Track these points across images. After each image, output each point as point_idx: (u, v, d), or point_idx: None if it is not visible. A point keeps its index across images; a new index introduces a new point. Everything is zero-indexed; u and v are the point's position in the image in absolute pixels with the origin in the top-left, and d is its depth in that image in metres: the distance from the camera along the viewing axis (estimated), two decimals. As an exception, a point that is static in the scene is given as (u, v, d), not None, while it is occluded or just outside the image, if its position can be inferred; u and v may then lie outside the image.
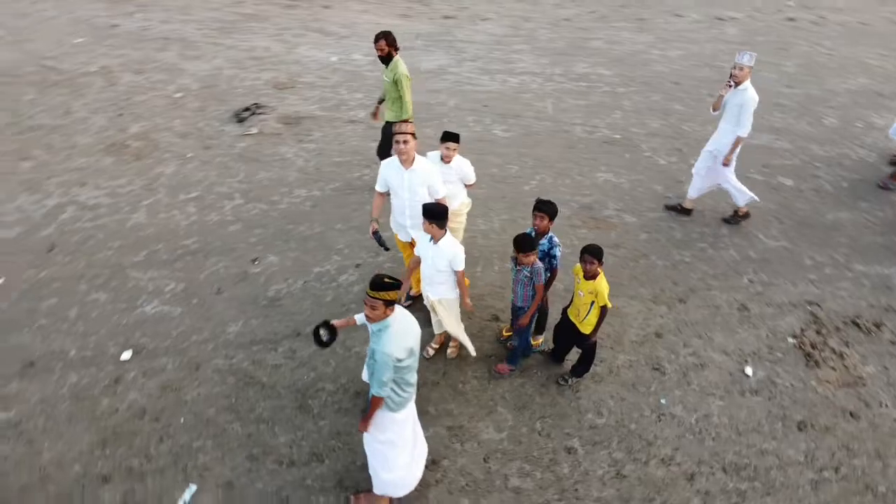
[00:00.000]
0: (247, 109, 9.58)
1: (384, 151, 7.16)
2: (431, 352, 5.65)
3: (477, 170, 5.84)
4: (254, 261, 6.76)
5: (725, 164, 6.78)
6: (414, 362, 4.03)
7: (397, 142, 5.03)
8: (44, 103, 9.90)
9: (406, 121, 6.43)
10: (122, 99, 10.03)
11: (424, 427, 4.89)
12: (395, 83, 6.78)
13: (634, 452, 4.85)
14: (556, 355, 5.52)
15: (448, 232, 4.92)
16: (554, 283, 5.40)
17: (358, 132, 9.07)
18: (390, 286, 3.74)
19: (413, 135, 5.06)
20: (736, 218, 7.27)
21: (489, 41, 11.60)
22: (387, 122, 7.11)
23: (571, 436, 4.98)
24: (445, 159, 5.56)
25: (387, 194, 5.44)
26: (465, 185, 5.82)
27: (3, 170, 8.25)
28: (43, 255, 6.88)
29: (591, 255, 4.66)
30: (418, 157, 5.18)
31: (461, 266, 4.93)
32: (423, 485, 4.59)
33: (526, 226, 5.52)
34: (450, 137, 5.48)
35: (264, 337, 5.86)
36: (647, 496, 4.58)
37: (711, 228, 7.18)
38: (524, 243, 4.83)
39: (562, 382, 5.35)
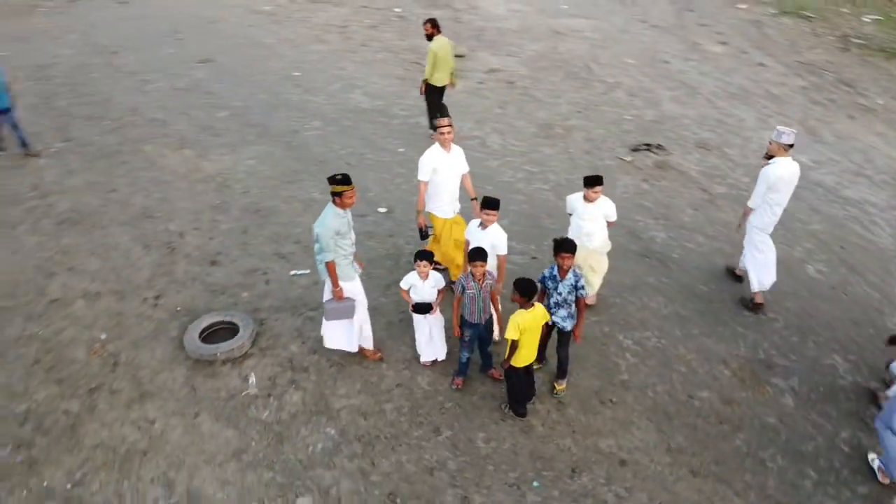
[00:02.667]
0: (647, 145, 10.67)
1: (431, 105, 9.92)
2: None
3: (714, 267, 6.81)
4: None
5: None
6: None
7: (443, 133, 6.39)
8: (549, 84, 13.18)
9: (426, 80, 9.85)
10: (594, 104, 12.40)
11: (409, 347, 6.25)
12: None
13: (458, 481, 5.00)
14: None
15: (496, 222, 5.78)
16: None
17: (690, 196, 9.17)
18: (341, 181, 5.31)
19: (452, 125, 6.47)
20: (750, 304, 6.97)
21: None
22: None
23: (449, 428, 5.43)
24: (588, 198, 6.17)
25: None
26: (608, 223, 6.37)
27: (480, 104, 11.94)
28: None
29: (515, 288, 4.89)
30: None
31: (504, 251, 5.81)
32: (357, 362, 6.02)
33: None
34: (597, 181, 6.14)
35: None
36: None
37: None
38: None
39: (502, 406, 5.60)
